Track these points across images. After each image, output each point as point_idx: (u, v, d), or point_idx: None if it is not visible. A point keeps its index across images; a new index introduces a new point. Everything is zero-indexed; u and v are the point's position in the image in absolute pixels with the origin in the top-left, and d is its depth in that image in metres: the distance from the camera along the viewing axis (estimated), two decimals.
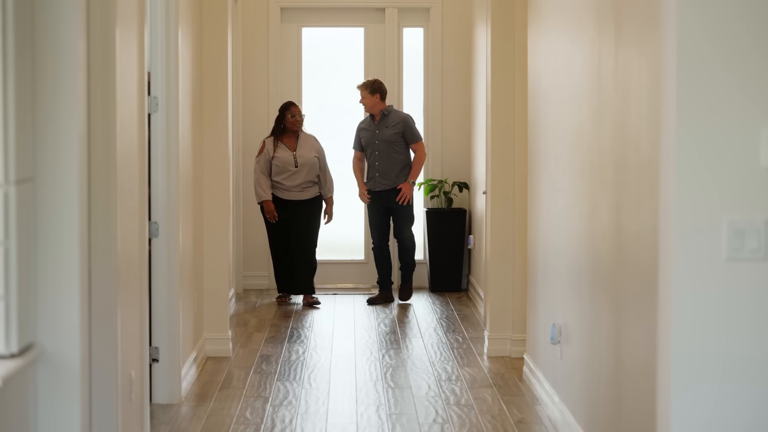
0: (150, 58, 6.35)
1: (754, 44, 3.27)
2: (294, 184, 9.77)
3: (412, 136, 9.91)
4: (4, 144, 3.80)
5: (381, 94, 9.88)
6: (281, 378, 7.23)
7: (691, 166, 3.28)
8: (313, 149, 9.85)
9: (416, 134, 9.94)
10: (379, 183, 9.95)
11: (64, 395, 4.08)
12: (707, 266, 3.29)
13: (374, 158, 9.94)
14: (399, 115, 9.98)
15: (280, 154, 9.76)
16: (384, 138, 9.88)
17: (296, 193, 9.80)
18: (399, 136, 9.89)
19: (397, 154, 9.91)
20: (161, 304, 6.48)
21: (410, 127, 9.92)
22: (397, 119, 9.91)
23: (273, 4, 10.81)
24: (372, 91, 9.85)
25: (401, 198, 9.88)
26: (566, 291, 5.98)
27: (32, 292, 4.03)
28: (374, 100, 9.87)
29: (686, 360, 3.31)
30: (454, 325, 9.01)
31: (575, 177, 5.76)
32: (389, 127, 9.89)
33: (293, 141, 9.84)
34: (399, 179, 9.92)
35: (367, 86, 9.89)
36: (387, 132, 9.89)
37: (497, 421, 6.20)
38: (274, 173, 9.77)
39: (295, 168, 9.75)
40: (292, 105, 9.86)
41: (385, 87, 9.96)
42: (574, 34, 5.78)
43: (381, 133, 9.90)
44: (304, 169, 9.77)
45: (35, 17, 4.01)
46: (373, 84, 9.88)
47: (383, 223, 10.04)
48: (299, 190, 9.80)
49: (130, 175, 4.85)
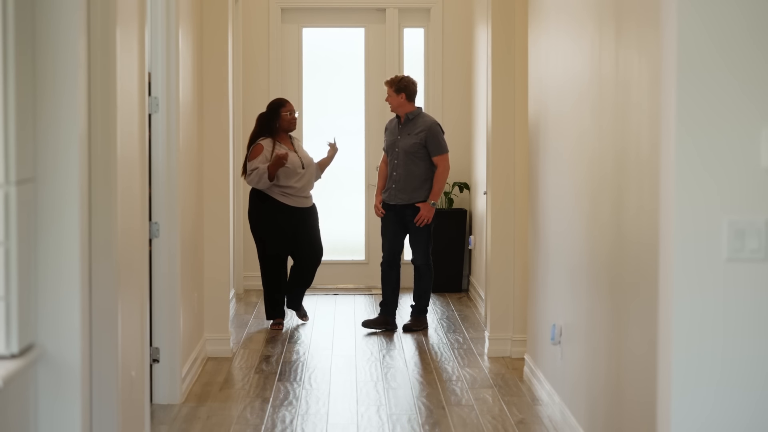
0: (150, 58, 6.35)
1: (754, 45, 3.27)
2: (302, 188, 8.75)
3: (436, 146, 8.69)
4: (5, 144, 3.80)
5: (407, 93, 8.75)
6: (282, 378, 7.23)
7: (691, 167, 3.28)
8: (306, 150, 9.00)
9: (441, 145, 8.72)
10: (395, 196, 8.78)
11: (64, 396, 4.08)
12: (708, 267, 3.29)
13: (393, 167, 8.80)
14: (425, 121, 8.77)
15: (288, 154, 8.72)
16: (404, 146, 8.72)
17: (302, 200, 8.79)
18: (421, 147, 8.69)
19: (416, 167, 8.72)
20: (162, 304, 6.48)
21: (435, 136, 8.70)
22: (421, 126, 8.73)
23: (273, 4, 10.81)
24: (397, 90, 8.74)
25: (419, 221, 8.70)
26: (567, 291, 5.98)
27: (33, 292, 4.03)
28: (399, 100, 8.75)
29: (687, 360, 3.30)
30: (454, 325, 9.01)
31: (576, 177, 5.76)
32: (412, 134, 8.72)
33: (288, 142, 8.83)
34: (416, 196, 8.73)
35: (392, 83, 8.78)
36: (408, 140, 8.71)
37: (498, 422, 6.20)
38: (283, 178, 8.67)
39: (302, 170, 8.73)
40: (286, 102, 8.87)
41: (415, 86, 8.82)
42: (574, 35, 5.78)
43: (402, 141, 8.74)
44: (309, 171, 8.79)
45: (36, 17, 4.01)
46: (400, 82, 8.77)
47: (396, 237, 8.87)
48: (305, 196, 8.81)
49: (131, 176, 4.85)
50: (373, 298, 10.37)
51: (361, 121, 10.92)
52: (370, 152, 10.89)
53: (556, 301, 6.29)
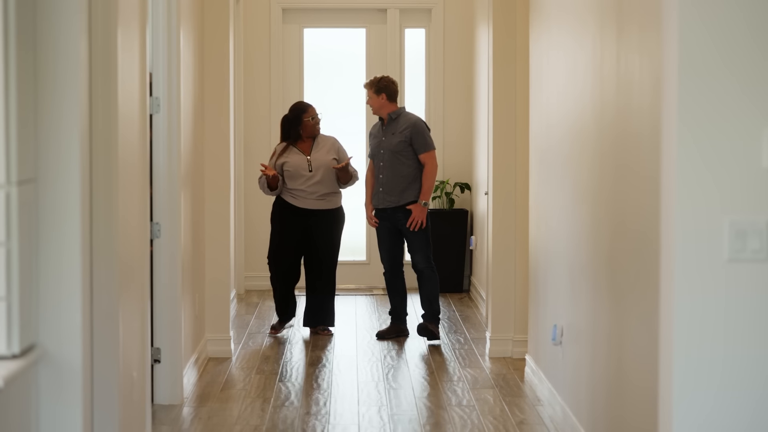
0: (152, 58, 6.36)
1: (755, 46, 3.27)
2: (311, 191, 8.51)
3: (422, 144, 8.37)
4: (6, 145, 3.80)
5: (388, 94, 8.46)
6: (282, 379, 7.23)
7: (692, 167, 3.28)
8: (333, 150, 8.62)
9: (427, 142, 8.40)
10: (383, 200, 8.46)
11: (65, 396, 4.08)
12: (709, 267, 3.29)
13: (379, 170, 8.47)
14: (408, 119, 8.47)
15: (291, 158, 8.53)
16: (389, 146, 8.41)
17: (314, 201, 8.54)
18: (406, 145, 8.37)
19: (403, 167, 8.38)
20: (163, 304, 6.48)
21: (419, 133, 8.38)
22: (405, 124, 8.42)
23: (275, 4, 10.81)
24: (377, 91, 8.45)
25: (411, 223, 8.36)
26: (568, 292, 5.98)
27: (34, 292, 4.03)
28: (380, 101, 8.46)
29: (689, 361, 3.30)
30: (455, 326, 9.01)
31: (577, 177, 5.76)
32: (396, 133, 8.41)
33: (308, 145, 8.60)
34: (405, 197, 8.39)
35: (372, 85, 8.50)
36: (393, 139, 8.40)
37: (499, 422, 6.20)
38: (288, 181, 8.52)
39: (309, 172, 8.48)
40: (309, 107, 8.65)
41: (395, 86, 8.53)
42: (575, 36, 5.78)
43: (387, 141, 8.43)
44: (319, 173, 8.49)
45: (37, 18, 4.01)
46: (379, 82, 8.47)
47: (394, 245, 8.55)
48: (318, 198, 8.54)
49: (132, 176, 4.85)
50: (374, 298, 10.37)
51: (362, 121, 10.91)
52: None
53: (557, 301, 6.28)
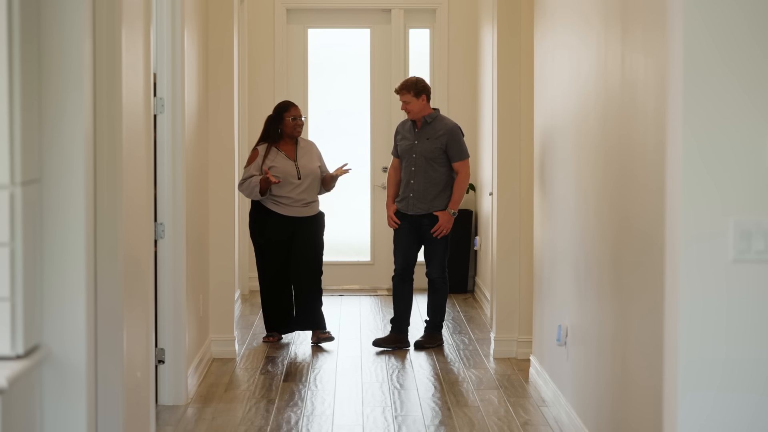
0: (156, 58, 6.36)
1: (759, 48, 3.27)
2: (298, 199, 8.20)
3: (457, 151, 8.05)
4: (10, 145, 3.80)
5: (428, 95, 8.07)
6: (287, 379, 7.23)
7: (697, 168, 3.27)
8: (316, 157, 8.35)
9: (462, 150, 8.08)
10: (413, 206, 8.09)
11: (69, 396, 4.08)
12: (714, 267, 3.28)
13: (410, 174, 8.08)
14: (445, 124, 8.10)
15: (278, 163, 8.17)
16: (423, 152, 8.04)
17: (299, 209, 8.22)
18: (441, 152, 8.03)
19: (437, 173, 8.05)
20: (167, 305, 6.48)
21: (456, 141, 8.05)
22: (442, 129, 8.05)
23: (279, 5, 10.82)
24: (417, 93, 8.00)
25: (437, 231, 8.05)
26: (572, 292, 5.98)
27: (38, 293, 4.03)
28: (421, 103, 8.02)
29: (693, 362, 3.30)
30: (460, 326, 9.01)
31: (581, 178, 5.76)
32: (431, 138, 8.04)
33: (292, 148, 8.28)
34: (436, 204, 8.07)
35: (409, 88, 8.00)
36: (428, 145, 8.04)
37: (503, 423, 6.19)
38: (275, 188, 8.15)
39: (297, 180, 8.18)
40: (292, 106, 8.32)
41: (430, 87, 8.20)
42: (580, 36, 5.78)
43: (421, 145, 8.06)
44: (307, 181, 8.20)
45: (41, 18, 4.01)
46: (416, 84, 8.02)
47: (411, 249, 8.19)
48: (303, 206, 8.23)
49: (136, 177, 4.85)
50: (378, 299, 10.37)
51: (367, 121, 10.92)
52: (376, 153, 10.88)
53: (562, 302, 6.28)
